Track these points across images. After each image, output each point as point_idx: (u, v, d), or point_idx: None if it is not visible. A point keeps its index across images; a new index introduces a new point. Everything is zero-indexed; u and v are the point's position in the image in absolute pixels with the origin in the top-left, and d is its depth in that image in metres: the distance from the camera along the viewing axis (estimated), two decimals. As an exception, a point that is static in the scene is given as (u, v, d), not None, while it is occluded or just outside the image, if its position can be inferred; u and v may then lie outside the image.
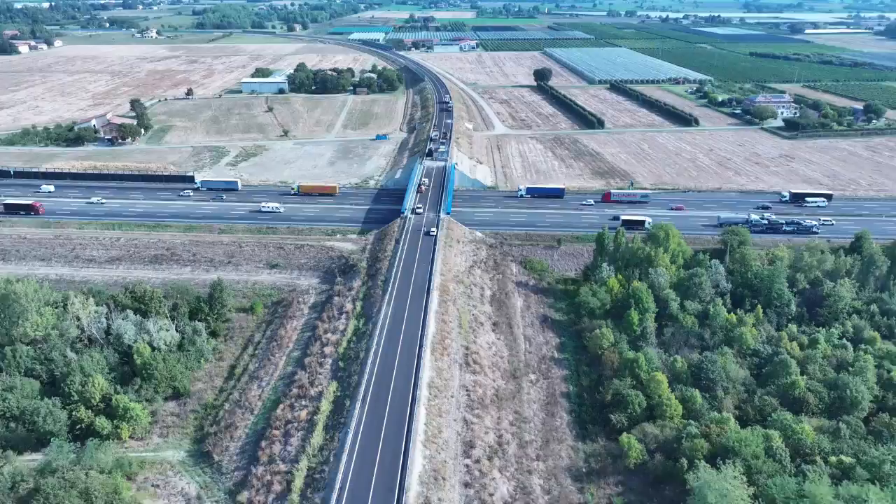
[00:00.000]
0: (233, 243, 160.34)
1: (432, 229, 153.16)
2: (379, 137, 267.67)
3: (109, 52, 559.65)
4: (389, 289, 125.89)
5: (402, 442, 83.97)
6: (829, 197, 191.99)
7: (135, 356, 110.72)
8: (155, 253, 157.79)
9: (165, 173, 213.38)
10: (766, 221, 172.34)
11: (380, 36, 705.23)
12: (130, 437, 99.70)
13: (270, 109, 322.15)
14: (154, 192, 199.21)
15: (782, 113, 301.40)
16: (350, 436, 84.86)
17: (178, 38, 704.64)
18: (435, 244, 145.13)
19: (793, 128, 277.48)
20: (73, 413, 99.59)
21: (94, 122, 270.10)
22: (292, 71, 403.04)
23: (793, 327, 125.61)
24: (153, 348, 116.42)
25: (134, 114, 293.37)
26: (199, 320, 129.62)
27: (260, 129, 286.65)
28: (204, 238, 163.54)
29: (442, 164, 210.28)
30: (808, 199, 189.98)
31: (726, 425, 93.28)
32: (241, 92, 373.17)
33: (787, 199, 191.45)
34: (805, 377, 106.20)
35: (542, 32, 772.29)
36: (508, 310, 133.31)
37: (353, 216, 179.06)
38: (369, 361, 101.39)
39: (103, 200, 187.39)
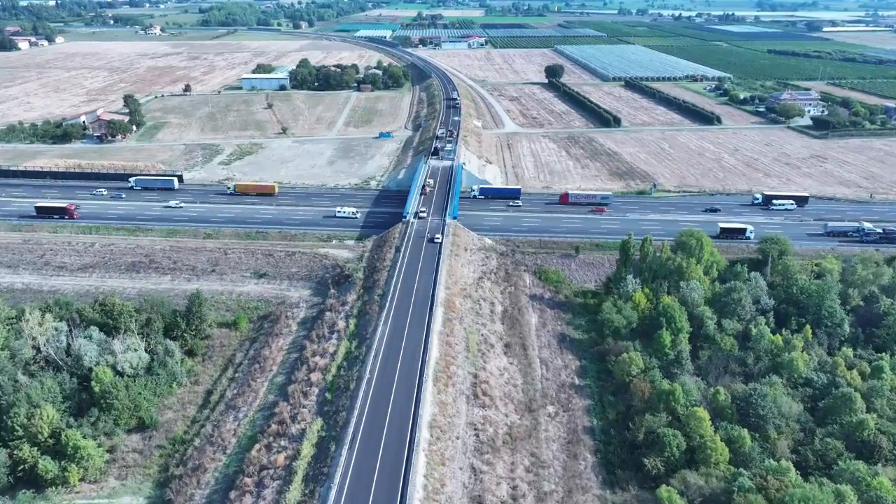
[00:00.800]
0: (217, 249, 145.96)
1: (437, 236, 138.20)
2: (382, 135, 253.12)
3: (110, 49, 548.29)
4: (387, 304, 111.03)
5: (397, 500, 68.99)
6: (802, 200, 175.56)
7: (93, 382, 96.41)
8: (132, 260, 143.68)
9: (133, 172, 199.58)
10: (880, 231, 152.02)
11: (387, 33, 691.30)
12: (82, 481, 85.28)
13: (270, 106, 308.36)
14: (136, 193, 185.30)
15: (809, 111, 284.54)
16: (333, 491, 70.01)
17: (182, 35, 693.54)
18: (440, 252, 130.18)
19: (822, 126, 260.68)
20: (15, 452, 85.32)
21: (83, 118, 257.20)
22: (294, 67, 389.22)
23: (847, 351, 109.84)
24: (117, 372, 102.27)
25: (127, 110, 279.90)
26: (174, 337, 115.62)
27: (258, 127, 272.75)
28: (186, 244, 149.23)
29: (448, 163, 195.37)
30: (776, 201, 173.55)
31: (786, 477, 77.80)
32: (241, 88, 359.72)
33: (760, 201, 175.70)
34: (873, 414, 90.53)
35: (552, 30, 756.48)
36: (522, 328, 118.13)
37: (350, 220, 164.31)
38: (361, 394, 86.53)
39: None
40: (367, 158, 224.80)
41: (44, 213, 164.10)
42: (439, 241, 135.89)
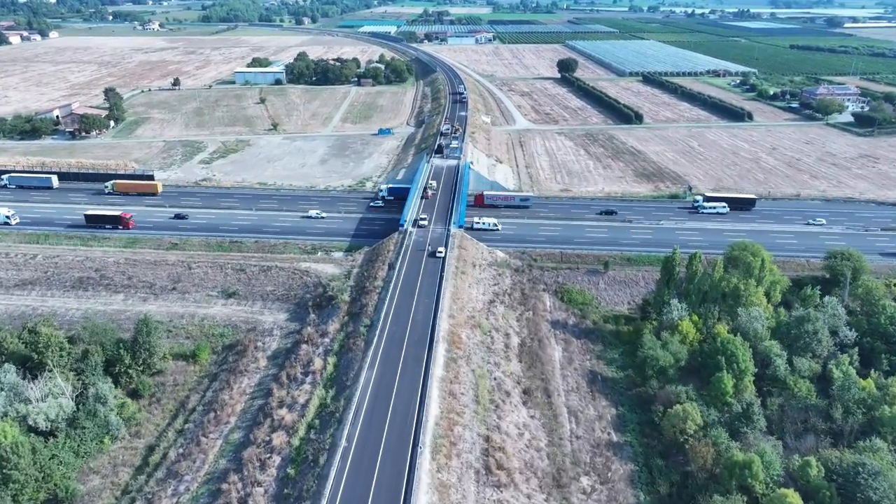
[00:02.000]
0: (181, 263, 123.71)
1: (439, 249, 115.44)
2: (382, 132, 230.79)
3: (103, 44, 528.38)
4: (376, 338, 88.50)
5: None
6: (747, 202, 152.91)
7: (-11, 445, 74.35)
8: (80, 275, 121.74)
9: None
10: None
11: (391, 29, 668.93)
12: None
13: (262, 101, 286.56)
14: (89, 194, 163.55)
15: (848, 107, 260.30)
16: None
17: (181, 31, 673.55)
18: (442, 270, 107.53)
19: (865, 123, 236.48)
20: None
21: (56, 112, 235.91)
22: (292, 60, 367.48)
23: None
24: (29, 427, 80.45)
25: (108, 105, 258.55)
26: (117, 374, 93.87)
27: (247, 123, 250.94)
28: (145, 256, 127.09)
29: (454, 162, 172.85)
30: (707, 204, 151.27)
31: None
32: (234, 83, 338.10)
33: (700, 202, 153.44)
34: None
35: (562, 26, 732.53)
36: (544, 366, 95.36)
37: (340, 228, 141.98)
38: (332, 473, 64.09)
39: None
40: (363, 157, 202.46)
41: (94, 222, 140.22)
42: (442, 255, 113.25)
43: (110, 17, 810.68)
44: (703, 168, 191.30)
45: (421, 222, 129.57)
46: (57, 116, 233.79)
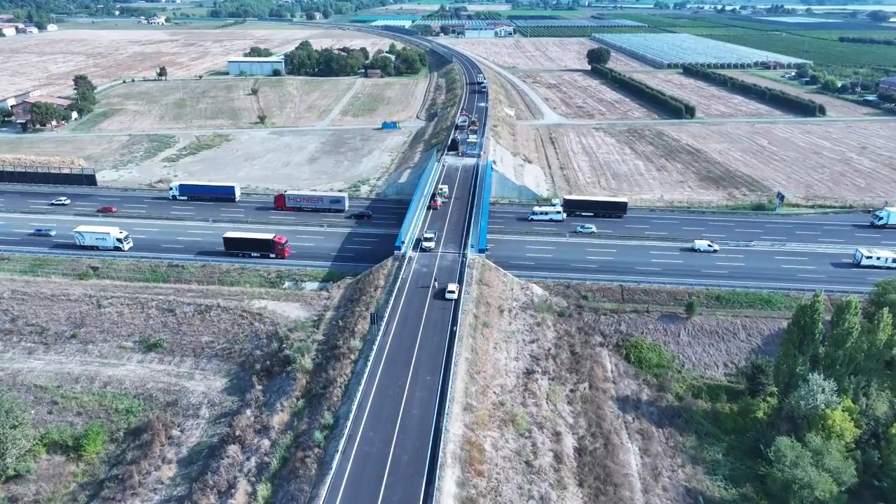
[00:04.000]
0: (87, 299, 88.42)
1: (451, 287, 78.71)
2: (386, 126, 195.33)
3: (102, 36, 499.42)
4: (339, 456, 52.05)
5: None
6: (616, 207, 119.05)
7: None
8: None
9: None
10: None
11: (406, 24, 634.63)
12: None
13: (255, 92, 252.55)
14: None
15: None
16: None
17: (186, 25, 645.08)
18: (454, 322, 71.19)
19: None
20: None
21: (10, 102, 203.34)
22: (293, 49, 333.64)
23: None
24: None
25: (80, 94, 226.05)
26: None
27: (232, 115, 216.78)
28: (41, 287, 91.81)
29: (472, 161, 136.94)
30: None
31: None
32: (227, 74, 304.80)
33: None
34: None
35: (586, 21, 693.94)
36: (618, 489, 58.54)
37: (319, 247, 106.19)
38: None
39: None
40: (361, 155, 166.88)
41: (236, 248, 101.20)
42: (454, 295, 76.69)
43: (117, 13, 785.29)
44: (782, 171, 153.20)
45: (426, 244, 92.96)
46: (11, 107, 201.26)
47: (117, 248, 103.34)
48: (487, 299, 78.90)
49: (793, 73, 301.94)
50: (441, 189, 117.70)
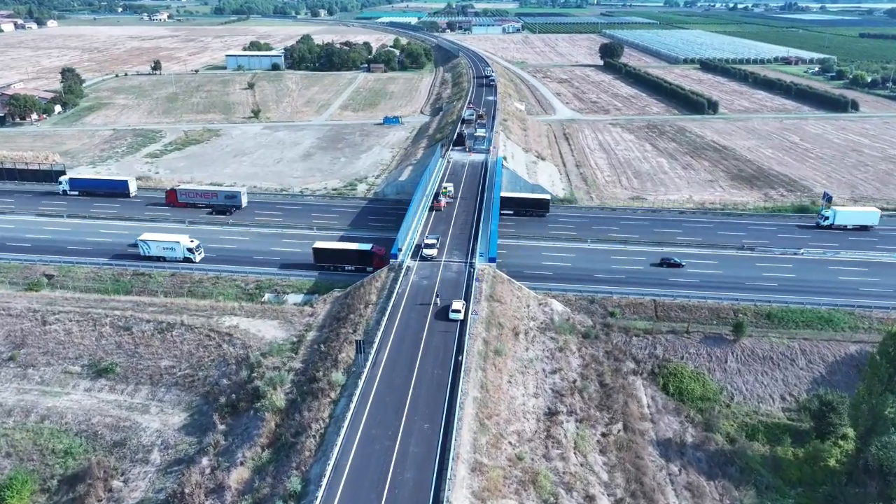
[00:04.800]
0: (32, 314, 75.73)
1: (456, 304, 65.62)
2: (388, 121, 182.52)
3: (101, 32, 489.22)
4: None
5: None
6: (535, 205, 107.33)
7: None
8: None
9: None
10: None
11: (412, 20, 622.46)
12: None
13: (251, 86, 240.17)
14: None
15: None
16: None
17: (189, 21, 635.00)
18: (459, 350, 58.16)
19: None
20: None
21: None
22: (294, 43, 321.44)
23: None
24: None
25: (66, 87, 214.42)
26: None
27: (225, 110, 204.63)
28: (-20, 299, 79.58)
29: (480, 157, 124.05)
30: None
31: None
32: (225, 68, 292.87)
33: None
34: None
35: (595, 18, 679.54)
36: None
37: (309, 252, 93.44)
38: None
39: None
40: (360, 151, 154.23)
41: (327, 261, 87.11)
42: (460, 315, 63.70)
43: (119, 10, 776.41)
44: (820, 169, 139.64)
45: (427, 251, 79.87)
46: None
47: (188, 260, 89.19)
48: (500, 319, 65.88)
49: (816, 69, 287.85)
50: (445, 188, 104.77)
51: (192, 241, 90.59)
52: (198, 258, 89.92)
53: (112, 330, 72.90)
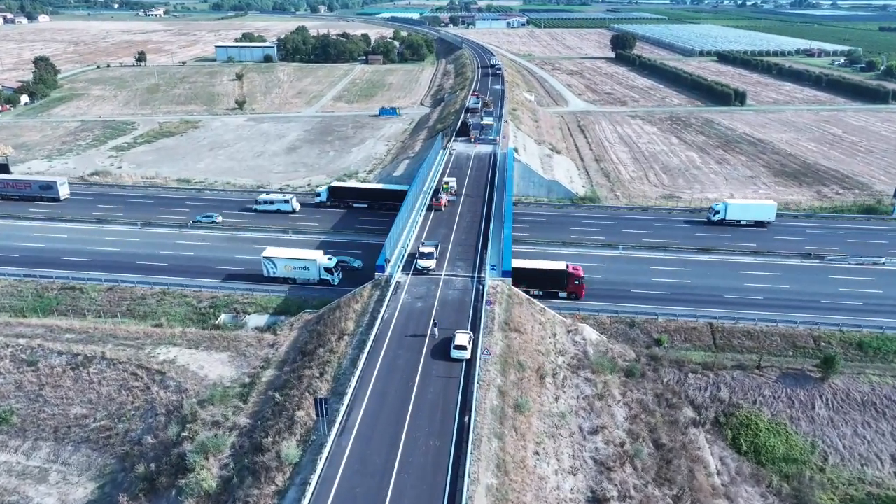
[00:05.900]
0: (-86, 343, 59.20)
1: (460, 339, 48.38)
2: (384, 112, 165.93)
3: (92, 27, 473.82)
4: None
5: None
6: (396, 197, 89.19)
7: None
8: None
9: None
10: None
11: (414, 15, 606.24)
12: None
13: (239, 77, 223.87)
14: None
15: None
16: None
17: (186, 17, 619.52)
18: (466, 407, 41.29)
19: None
20: None
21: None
22: (288, 34, 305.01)
23: None
24: None
25: (36, 77, 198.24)
26: None
27: (208, 101, 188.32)
28: None
29: (487, 149, 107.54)
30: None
31: None
32: (215, 60, 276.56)
33: None
34: None
35: (602, 13, 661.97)
36: None
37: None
38: None
39: None
40: (352, 144, 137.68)
41: (523, 281, 64.81)
42: (465, 353, 46.84)
43: (115, 6, 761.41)
44: (875, 164, 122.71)
45: (423, 262, 62.77)
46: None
47: (325, 283, 69.94)
48: (519, 357, 49.04)
49: (842, 61, 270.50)
50: (447, 183, 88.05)
51: (329, 259, 71.00)
52: (336, 280, 70.53)
53: (12, 364, 56.26)
